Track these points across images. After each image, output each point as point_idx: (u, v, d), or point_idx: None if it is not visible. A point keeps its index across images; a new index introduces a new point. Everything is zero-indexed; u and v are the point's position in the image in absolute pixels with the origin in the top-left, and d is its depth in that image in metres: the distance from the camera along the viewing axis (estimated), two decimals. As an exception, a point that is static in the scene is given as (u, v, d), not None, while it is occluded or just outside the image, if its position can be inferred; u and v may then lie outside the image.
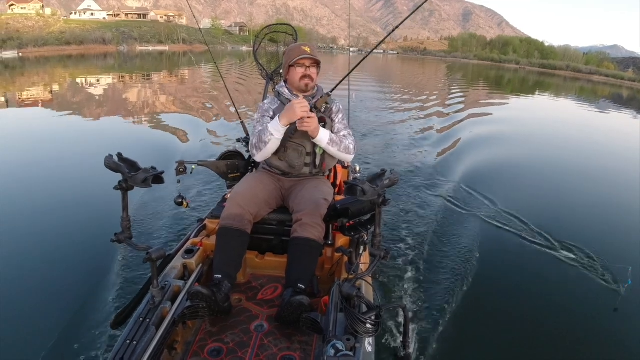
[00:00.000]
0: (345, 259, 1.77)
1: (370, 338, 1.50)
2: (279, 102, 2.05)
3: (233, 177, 2.29)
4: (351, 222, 1.72)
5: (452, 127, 8.82)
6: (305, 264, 1.76)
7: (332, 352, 1.26)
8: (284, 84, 2.07)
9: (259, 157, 1.97)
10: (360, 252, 1.73)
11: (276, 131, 1.86)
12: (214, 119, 8.37)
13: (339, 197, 2.10)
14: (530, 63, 64.20)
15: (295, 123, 1.82)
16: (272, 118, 1.98)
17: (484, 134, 8.24)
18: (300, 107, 1.78)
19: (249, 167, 2.37)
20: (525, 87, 29.25)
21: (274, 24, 3.23)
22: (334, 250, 1.95)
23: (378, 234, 1.48)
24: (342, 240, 1.97)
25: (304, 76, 1.96)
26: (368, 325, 1.37)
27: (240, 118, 3.06)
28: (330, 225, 1.97)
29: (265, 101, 2.12)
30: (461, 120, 9.71)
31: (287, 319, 1.62)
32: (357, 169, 3.00)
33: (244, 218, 1.81)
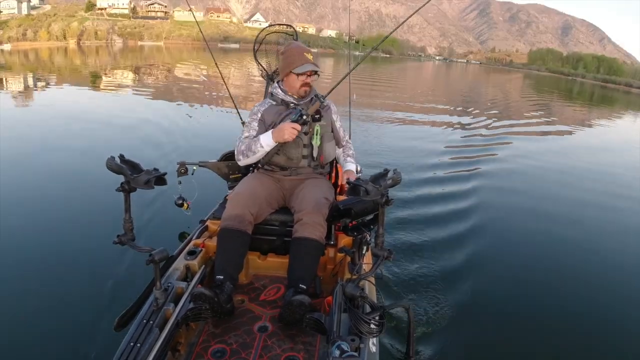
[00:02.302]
0: (348, 259, 1.78)
1: (375, 338, 1.51)
2: (270, 103, 2.07)
3: (234, 177, 2.26)
4: (354, 222, 1.72)
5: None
6: (306, 264, 1.77)
7: (337, 352, 1.26)
8: (277, 85, 2.08)
9: (243, 162, 2.03)
10: (363, 252, 1.73)
11: (267, 145, 1.93)
12: (215, 118, 8.38)
13: (340, 197, 2.11)
14: (595, 77, 72.16)
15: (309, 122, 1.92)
16: (261, 121, 2.03)
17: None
18: (290, 134, 1.86)
19: (250, 168, 2.24)
20: (597, 100, 28.72)
21: (275, 24, 3.25)
22: (336, 251, 1.95)
23: (381, 234, 1.48)
24: (344, 240, 1.97)
25: (305, 84, 1.99)
26: (372, 326, 1.38)
27: (241, 119, 2.93)
28: (333, 226, 1.98)
29: (257, 103, 2.14)
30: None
31: (289, 319, 1.61)
32: (358, 169, 2.90)
33: (245, 219, 1.81)
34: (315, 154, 2.03)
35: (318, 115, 2.00)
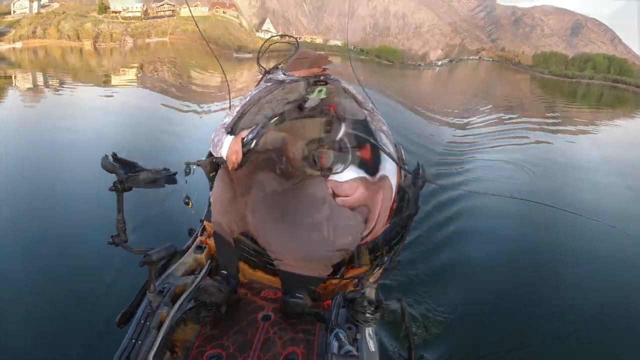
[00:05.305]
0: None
1: (372, 339, 1.53)
2: (269, 89, 2.06)
3: (214, 176, 2.10)
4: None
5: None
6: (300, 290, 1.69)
7: (335, 343, 1.30)
8: (280, 72, 2.14)
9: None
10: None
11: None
12: (217, 117, 7.78)
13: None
14: (605, 78, 70.80)
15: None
16: (263, 115, 1.99)
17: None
18: (233, 156, 1.89)
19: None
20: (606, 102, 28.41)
21: (285, 34, 3.44)
22: None
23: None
24: None
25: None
26: (367, 315, 1.40)
27: None
28: None
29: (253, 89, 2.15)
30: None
31: (288, 312, 1.63)
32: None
33: (229, 226, 1.84)
34: None
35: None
